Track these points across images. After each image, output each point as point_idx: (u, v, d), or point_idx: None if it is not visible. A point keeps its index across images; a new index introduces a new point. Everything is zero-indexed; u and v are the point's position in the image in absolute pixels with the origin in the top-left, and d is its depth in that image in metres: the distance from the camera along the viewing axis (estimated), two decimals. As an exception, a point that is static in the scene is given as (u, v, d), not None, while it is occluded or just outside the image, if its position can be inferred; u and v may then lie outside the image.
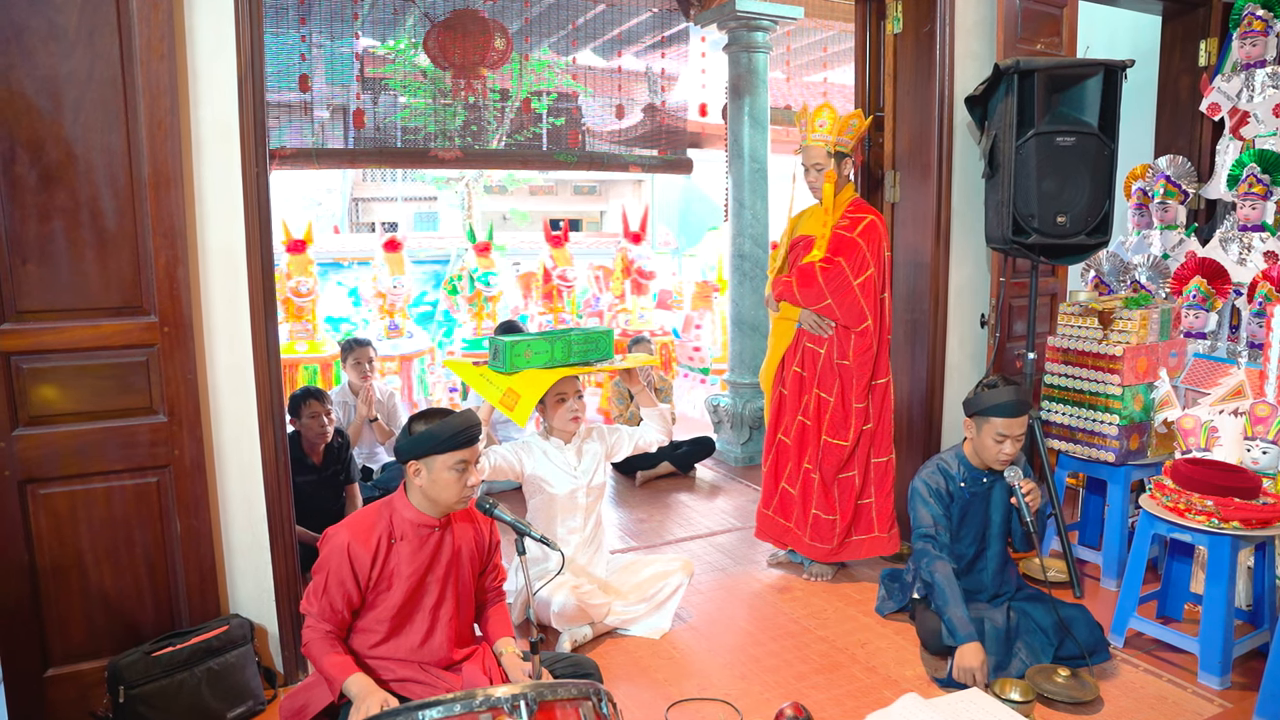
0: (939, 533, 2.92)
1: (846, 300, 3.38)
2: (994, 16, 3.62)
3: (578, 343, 3.18)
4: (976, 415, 2.90)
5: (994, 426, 2.84)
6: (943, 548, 2.90)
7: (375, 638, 2.28)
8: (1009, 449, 2.85)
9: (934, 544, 2.90)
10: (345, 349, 4.75)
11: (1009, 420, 2.81)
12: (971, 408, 2.92)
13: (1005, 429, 2.82)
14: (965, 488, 2.97)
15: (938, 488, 2.95)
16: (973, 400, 2.92)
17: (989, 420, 2.84)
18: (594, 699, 1.69)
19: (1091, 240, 3.30)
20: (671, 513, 4.67)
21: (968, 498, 2.97)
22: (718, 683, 2.85)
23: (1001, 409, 2.81)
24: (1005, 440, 2.84)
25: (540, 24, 6.41)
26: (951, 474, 2.98)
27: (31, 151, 2.31)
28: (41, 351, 2.38)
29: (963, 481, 2.97)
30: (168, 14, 2.40)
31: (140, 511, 2.53)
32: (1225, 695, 2.72)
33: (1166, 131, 4.63)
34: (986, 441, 2.87)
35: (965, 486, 2.97)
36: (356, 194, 19.64)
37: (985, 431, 2.86)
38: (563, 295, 7.21)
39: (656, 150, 6.59)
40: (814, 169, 3.47)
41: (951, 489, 2.97)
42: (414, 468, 2.23)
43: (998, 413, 2.82)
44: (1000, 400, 2.82)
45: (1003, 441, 2.84)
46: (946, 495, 2.96)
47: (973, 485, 2.97)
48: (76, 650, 2.50)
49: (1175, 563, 3.20)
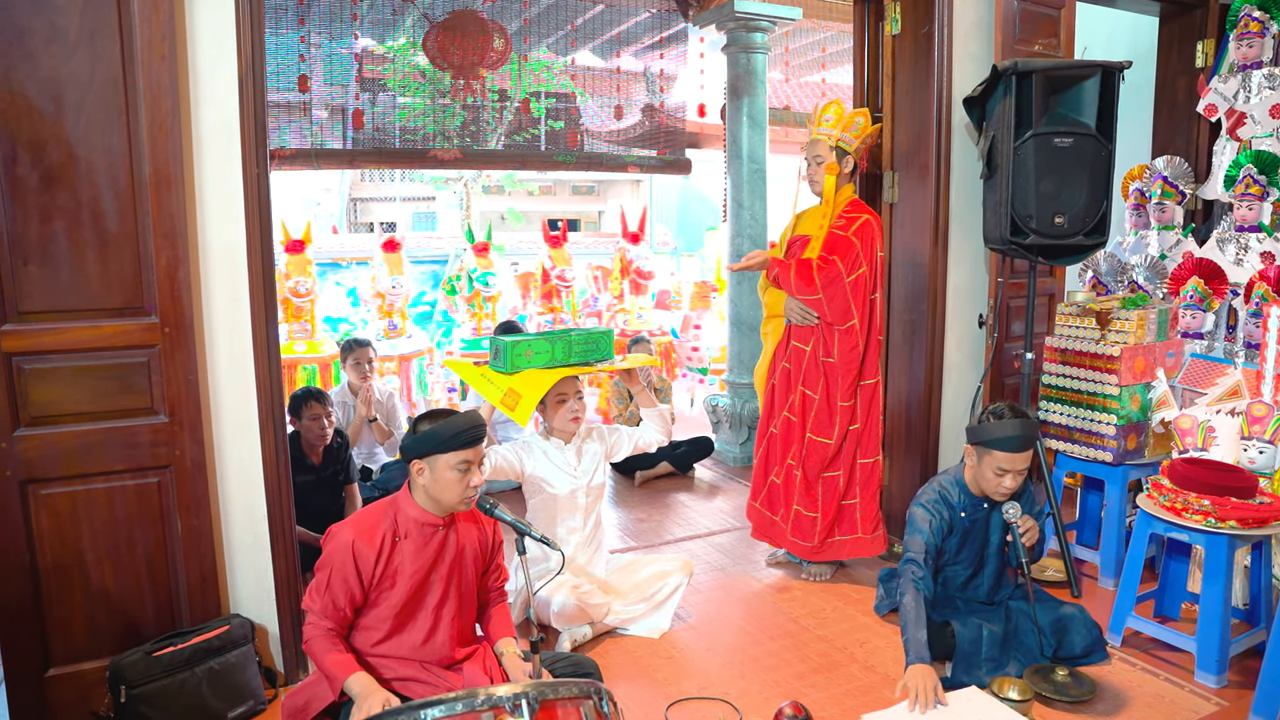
0: (925, 560, 2.77)
1: (837, 296, 3.39)
2: (992, 18, 3.63)
3: (578, 343, 3.19)
4: (978, 445, 2.74)
5: (995, 460, 2.69)
6: (920, 579, 2.74)
7: (377, 636, 2.29)
8: (1009, 484, 2.71)
9: (915, 567, 2.76)
10: (344, 349, 4.75)
11: (1012, 455, 2.67)
12: (974, 436, 2.76)
13: (1007, 464, 2.68)
14: (965, 517, 2.85)
15: (940, 518, 2.82)
16: (976, 429, 2.76)
17: (990, 453, 2.70)
18: (595, 698, 1.70)
19: (1089, 241, 3.30)
20: (670, 513, 4.68)
21: (967, 525, 2.87)
22: (717, 682, 2.86)
23: (1005, 443, 2.66)
24: (1006, 474, 2.70)
25: (539, 24, 6.41)
26: (952, 503, 2.85)
27: (33, 152, 2.32)
28: (43, 352, 2.39)
29: (963, 511, 2.85)
30: (168, 15, 2.40)
31: (141, 512, 2.54)
32: (1222, 694, 2.74)
33: (1164, 132, 4.64)
34: (987, 473, 2.73)
35: (965, 516, 2.85)
36: (355, 194, 19.62)
37: (986, 463, 2.73)
38: (561, 295, 7.21)
39: (655, 151, 6.59)
40: (814, 161, 3.49)
41: (952, 518, 2.84)
42: (418, 466, 2.24)
43: (1001, 446, 2.67)
44: (1005, 434, 2.66)
45: (1003, 475, 2.70)
46: (946, 525, 2.83)
47: (973, 513, 2.87)
48: (78, 650, 2.51)
49: (1172, 562, 3.22)
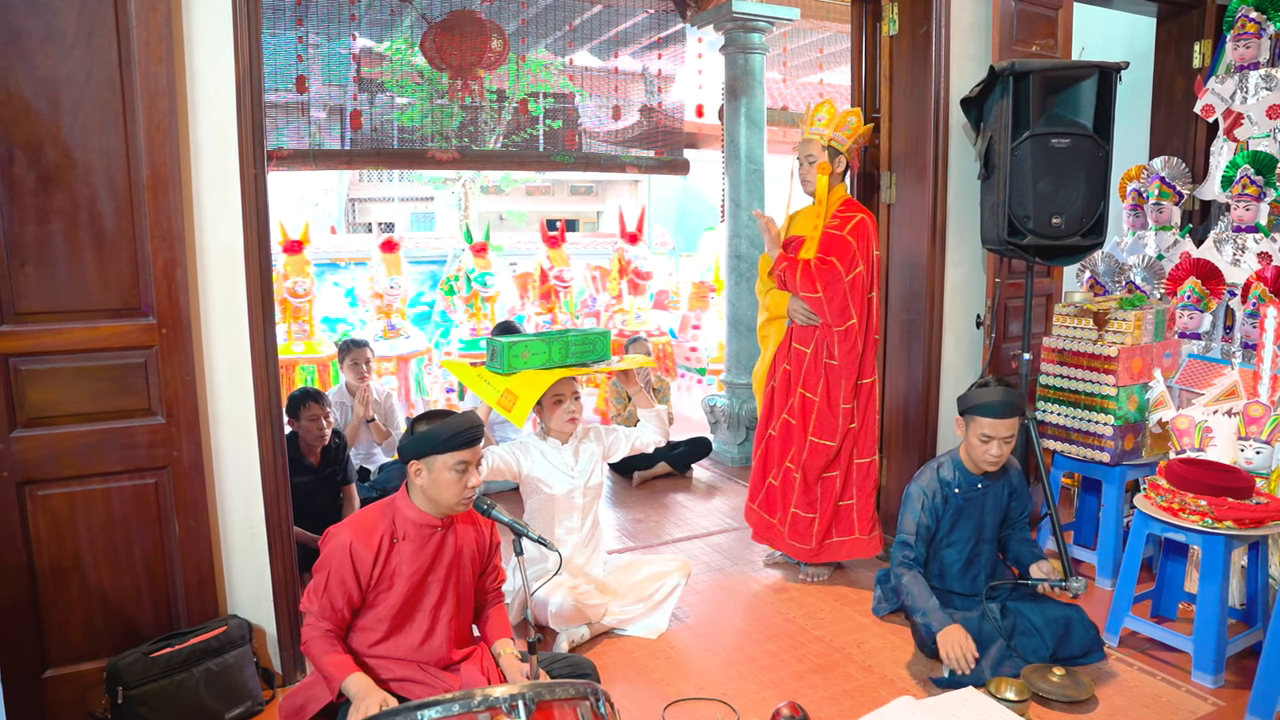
0: (915, 543, 2.91)
1: (836, 296, 3.39)
2: (990, 18, 3.64)
3: (575, 344, 3.19)
4: (965, 414, 2.90)
5: (980, 426, 2.83)
6: (914, 560, 2.89)
7: (375, 637, 2.29)
8: (995, 450, 2.84)
9: (908, 551, 2.90)
10: (342, 350, 4.75)
11: (995, 421, 2.80)
12: (962, 405, 2.92)
13: (991, 430, 2.81)
14: (960, 493, 2.96)
15: (934, 497, 2.94)
16: (963, 398, 2.92)
17: (975, 420, 2.85)
18: (591, 699, 1.70)
19: (1086, 241, 3.30)
20: (668, 513, 4.68)
21: (961, 503, 2.97)
22: (715, 682, 2.86)
23: (988, 409, 2.80)
24: (991, 441, 2.83)
25: (537, 25, 6.42)
26: (947, 480, 2.97)
27: (30, 154, 2.31)
28: (40, 353, 2.39)
29: (957, 488, 2.96)
30: (166, 16, 2.40)
31: (139, 513, 2.54)
32: (1219, 694, 2.74)
33: (1161, 133, 4.64)
34: (973, 441, 2.87)
35: (960, 492, 2.96)
36: (353, 194, 19.60)
37: (972, 430, 2.87)
38: (559, 296, 7.21)
39: (653, 151, 6.59)
40: (807, 161, 3.50)
41: (947, 495, 2.96)
42: (415, 467, 2.24)
43: (984, 412, 2.81)
44: (987, 400, 2.81)
45: (989, 442, 2.83)
46: (941, 503, 2.95)
47: (967, 491, 2.96)
48: (75, 651, 2.50)
49: (1170, 562, 3.22)
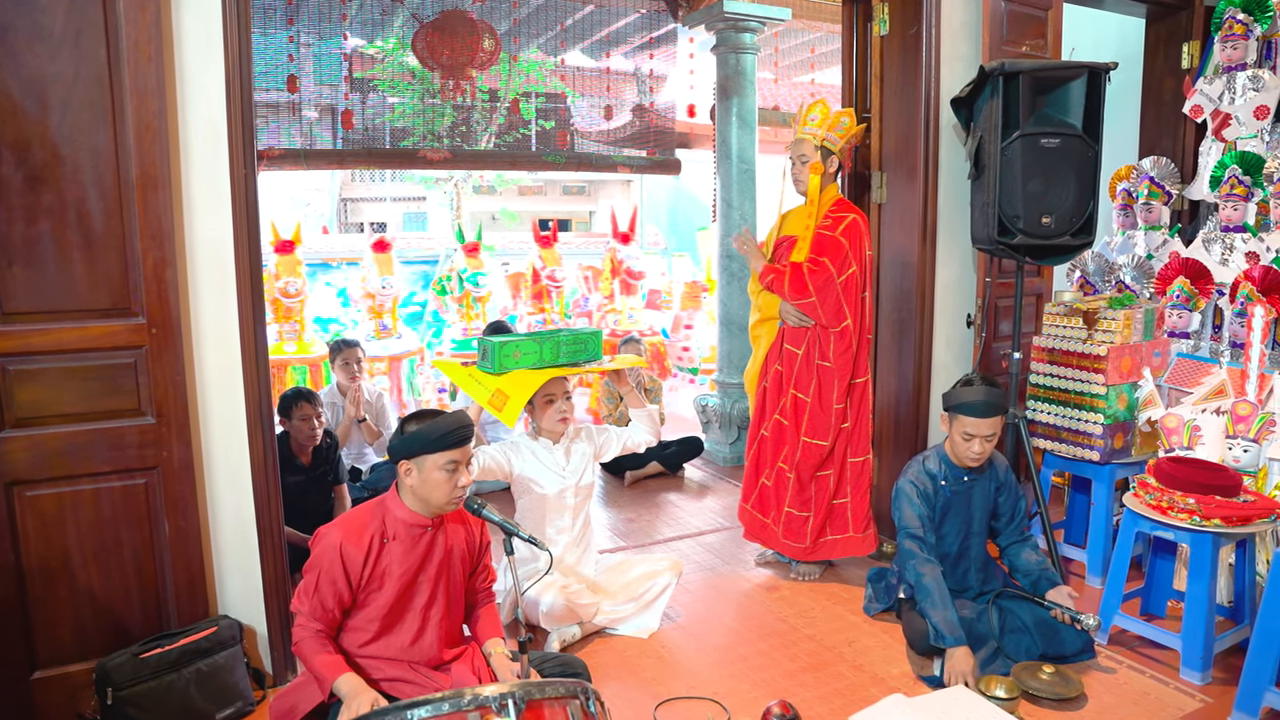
0: (925, 533, 2.93)
1: (830, 298, 3.40)
2: (980, 19, 3.65)
3: (567, 344, 3.19)
4: (948, 411, 2.93)
5: (962, 424, 2.87)
6: (929, 549, 2.91)
7: (365, 637, 2.29)
8: (977, 449, 2.87)
9: (921, 545, 2.91)
10: (334, 350, 4.74)
11: (977, 420, 2.84)
12: (945, 402, 2.95)
13: (973, 428, 2.85)
14: (947, 485, 2.99)
15: (923, 488, 2.97)
16: (947, 395, 2.95)
17: (958, 417, 2.88)
18: (582, 698, 1.70)
19: (1076, 241, 3.32)
20: (660, 512, 4.68)
21: (949, 495, 3.00)
22: (706, 681, 2.86)
23: (970, 408, 2.84)
24: (973, 440, 2.87)
25: (529, 25, 6.41)
26: (934, 473, 3.00)
27: (17, 152, 2.30)
28: (28, 353, 2.37)
29: (944, 480, 2.99)
30: (155, 15, 2.39)
31: (128, 513, 2.53)
32: (1206, 690, 2.76)
33: (1150, 133, 4.67)
34: (956, 438, 2.91)
35: (947, 485, 2.99)
36: (345, 194, 19.54)
37: (955, 428, 2.91)
38: (552, 295, 7.21)
39: (645, 151, 6.59)
40: (799, 160, 3.51)
41: (935, 487, 2.99)
42: (405, 467, 2.24)
43: (965, 411, 2.85)
44: (970, 399, 2.84)
45: (970, 440, 2.87)
46: (931, 495, 2.98)
47: (954, 484, 2.99)
48: (64, 652, 2.49)
49: (1158, 560, 3.24)
